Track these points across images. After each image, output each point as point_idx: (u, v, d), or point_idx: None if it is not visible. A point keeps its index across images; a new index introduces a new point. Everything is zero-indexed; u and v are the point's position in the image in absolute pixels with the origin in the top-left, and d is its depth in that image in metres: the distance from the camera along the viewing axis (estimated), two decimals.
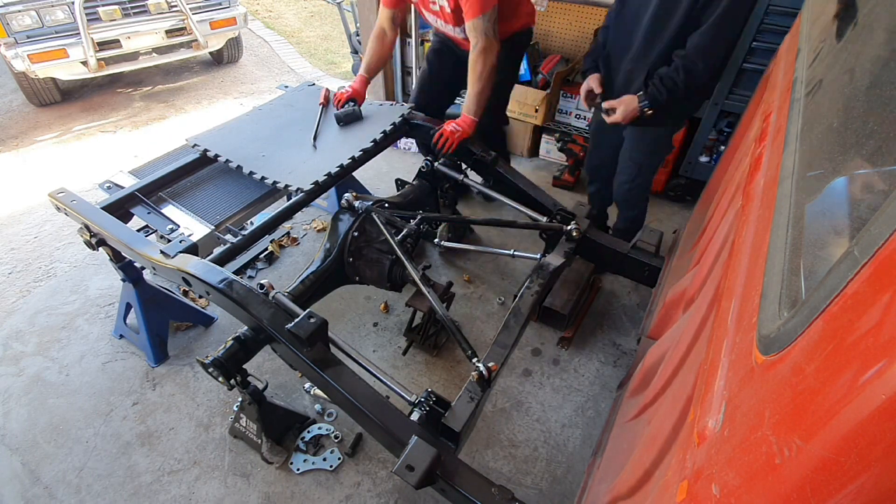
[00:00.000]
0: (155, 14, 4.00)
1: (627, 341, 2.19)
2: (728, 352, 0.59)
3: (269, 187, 1.93)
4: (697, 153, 2.78)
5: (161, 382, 1.98)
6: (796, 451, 0.36)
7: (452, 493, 1.17)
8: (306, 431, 1.80)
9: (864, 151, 0.65)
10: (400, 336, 2.17)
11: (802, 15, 1.44)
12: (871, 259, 0.37)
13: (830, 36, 1.13)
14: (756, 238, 0.73)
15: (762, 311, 0.54)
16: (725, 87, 2.52)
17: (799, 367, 0.41)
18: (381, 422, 1.27)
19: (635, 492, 0.83)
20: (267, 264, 2.55)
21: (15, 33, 3.49)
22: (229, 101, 4.42)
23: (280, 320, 1.38)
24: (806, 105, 0.90)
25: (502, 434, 1.83)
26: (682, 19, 1.61)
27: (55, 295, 2.33)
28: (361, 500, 1.65)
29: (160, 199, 1.90)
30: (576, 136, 3.08)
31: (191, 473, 1.71)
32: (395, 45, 2.36)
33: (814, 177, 0.70)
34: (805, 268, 0.54)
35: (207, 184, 2.02)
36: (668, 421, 0.80)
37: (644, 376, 1.25)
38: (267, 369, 2.01)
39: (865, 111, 0.75)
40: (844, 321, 0.38)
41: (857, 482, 0.32)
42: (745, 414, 0.47)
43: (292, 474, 1.70)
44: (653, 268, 1.86)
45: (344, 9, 4.15)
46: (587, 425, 1.86)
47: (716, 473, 0.47)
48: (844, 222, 0.60)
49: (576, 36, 3.35)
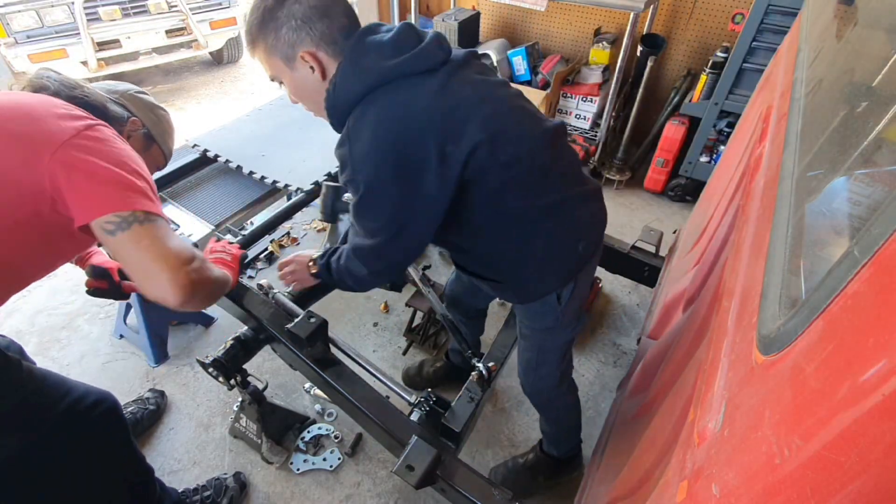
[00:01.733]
0: (155, 14, 4.00)
1: (627, 341, 2.19)
2: (728, 352, 0.59)
3: (269, 187, 1.93)
4: (697, 153, 2.78)
5: (161, 382, 1.98)
6: (796, 451, 0.36)
7: (452, 493, 1.17)
8: (306, 431, 1.80)
9: (865, 151, 0.65)
10: (400, 336, 2.17)
11: (802, 15, 1.44)
12: (871, 259, 0.37)
13: (830, 36, 1.14)
14: (756, 238, 0.73)
15: (762, 311, 0.54)
16: (725, 87, 2.52)
17: (799, 367, 0.41)
18: (381, 422, 1.27)
19: (635, 492, 0.83)
20: (267, 264, 2.55)
21: (15, 33, 3.49)
22: (229, 101, 4.42)
23: (280, 320, 1.38)
24: (806, 105, 0.90)
25: (502, 434, 1.83)
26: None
27: (55, 295, 2.33)
28: (361, 500, 1.65)
29: (160, 199, 1.90)
30: (576, 136, 3.08)
31: (191, 473, 1.71)
32: None
33: (814, 177, 0.70)
34: (805, 268, 0.54)
35: (207, 184, 2.02)
36: (668, 421, 0.80)
37: (644, 376, 1.25)
38: (267, 369, 2.01)
39: (865, 111, 0.75)
40: (844, 321, 0.38)
41: (857, 482, 0.32)
42: (745, 414, 0.47)
43: (292, 474, 1.70)
44: (653, 268, 1.86)
45: None
46: (587, 425, 1.85)
47: (716, 473, 0.47)
48: (844, 222, 0.60)
49: (576, 36, 3.35)
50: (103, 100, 1.13)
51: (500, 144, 0.96)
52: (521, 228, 1.05)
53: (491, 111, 0.97)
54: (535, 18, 3.42)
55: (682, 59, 3.08)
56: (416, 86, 0.93)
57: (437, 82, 0.94)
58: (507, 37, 3.54)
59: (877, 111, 0.71)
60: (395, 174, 0.92)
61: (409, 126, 0.91)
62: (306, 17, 0.92)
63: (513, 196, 1.02)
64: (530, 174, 1.02)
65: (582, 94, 3.07)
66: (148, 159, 1.22)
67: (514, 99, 1.06)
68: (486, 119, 0.95)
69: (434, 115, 0.91)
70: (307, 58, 0.95)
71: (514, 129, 1.00)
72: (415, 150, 0.91)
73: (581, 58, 3.27)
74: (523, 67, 3.23)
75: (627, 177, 3.14)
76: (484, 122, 0.94)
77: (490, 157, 0.95)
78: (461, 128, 0.92)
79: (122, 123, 1.16)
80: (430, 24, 3.45)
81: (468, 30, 3.35)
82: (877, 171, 0.65)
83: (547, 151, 1.05)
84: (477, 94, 0.98)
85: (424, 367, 1.97)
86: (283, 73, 1.01)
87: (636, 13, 2.59)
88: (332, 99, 0.98)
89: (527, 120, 1.05)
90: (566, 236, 1.10)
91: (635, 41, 2.83)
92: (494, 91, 1.02)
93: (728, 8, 2.78)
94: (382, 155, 0.91)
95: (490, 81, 1.03)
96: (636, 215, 2.98)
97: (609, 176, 3.14)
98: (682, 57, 3.07)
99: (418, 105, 0.92)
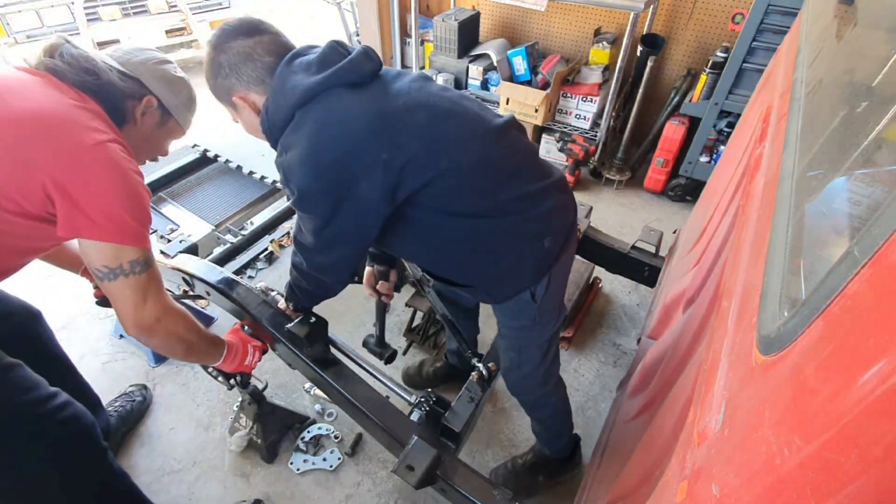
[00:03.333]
0: (155, 14, 4.01)
1: (627, 341, 2.18)
2: (728, 352, 0.59)
3: (269, 187, 1.93)
4: (697, 153, 2.78)
5: (161, 382, 1.98)
6: (796, 451, 0.36)
7: (452, 493, 1.17)
8: (306, 431, 1.80)
9: (864, 151, 0.65)
10: (400, 336, 2.17)
11: (802, 15, 1.44)
12: (871, 259, 0.37)
13: (830, 36, 1.14)
14: (756, 238, 0.73)
15: (762, 311, 0.54)
16: (725, 87, 2.52)
17: (799, 367, 0.41)
18: (381, 422, 1.27)
19: (635, 492, 0.83)
20: (267, 264, 2.55)
21: (15, 33, 3.49)
22: None
23: (280, 320, 1.38)
24: (806, 105, 0.90)
25: (502, 434, 1.83)
26: None
27: (55, 295, 2.33)
28: (361, 500, 1.65)
29: (160, 199, 1.90)
30: (576, 136, 3.08)
31: (191, 473, 1.71)
32: None
33: (814, 177, 0.70)
34: (805, 268, 0.54)
35: (207, 184, 2.02)
36: (668, 421, 0.80)
37: (644, 376, 1.25)
38: (267, 369, 2.01)
39: (865, 111, 0.75)
40: (844, 321, 0.38)
41: (857, 482, 0.32)
42: (745, 414, 0.47)
43: (292, 474, 1.70)
44: (653, 268, 1.86)
45: (344, 9, 4.15)
46: (587, 425, 1.85)
47: (716, 473, 0.47)
48: (844, 222, 0.60)
49: (576, 36, 3.36)
50: (116, 81, 1.07)
51: (440, 149, 0.95)
52: (478, 231, 1.04)
53: (426, 117, 0.96)
54: (535, 18, 3.42)
55: (682, 59, 3.08)
56: (346, 96, 0.94)
57: (368, 93, 0.95)
58: (507, 37, 3.54)
59: (877, 111, 0.71)
60: (328, 180, 0.93)
61: (342, 133, 0.91)
62: (232, 65, 0.98)
63: (463, 201, 1.00)
64: (478, 176, 1.00)
65: (582, 94, 3.07)
66: (163, 134, 1.21)
67: (456, 102, 1.03)
68: (422, 126, 0.95)
69: (367, 123, 0.92)
70: (239, 101, 1.02)
71: (454, 132, 0.98)
72: (348, 157, 0.91)
73: (581, 58, 3.27)
74: (523, 67, 3.23)
75: (627, 177, 3.14)
76: (419, 130, 0.94)
77: (430, 163, 0.95)
78: (395, 136, 0.92)
79: (135, 100, 1.11)
80: (430, 24, 3.45)
81: (468, 30, 3.35)
82: (877, 171, 0.65)
83: (496, 149, 1.03)
84: (412, 101, 0.97)
85: (424, 366, 1.97)
86: (233, 115, 1.10)
87: (636, 13, 2.59)
88: (266, 122, 1.01)
89: (470, 121, 1.02)
90: (529, 233, 1.07)
91: (635, 41, 2.83)
92: (431, 97, 1.00)
93: (728, 8, 2.78)
94: (315, 161, 0.92)
95: (427, 88, 1.02)
96: (636, 215, 2.98)
97: (609, 176, 3.14)
98: (682, 57, 3.07)
99: (350, 113, 0.92)
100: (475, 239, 1.06)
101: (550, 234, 1.10)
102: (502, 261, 1.10)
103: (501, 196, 1.02)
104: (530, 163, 1.10)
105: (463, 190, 1.00)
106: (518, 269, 1.11)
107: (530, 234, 1.08)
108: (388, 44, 3.77)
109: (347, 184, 0.92)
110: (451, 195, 0.99)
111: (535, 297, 1.14)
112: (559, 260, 1.14)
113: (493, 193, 1.01)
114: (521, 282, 1.13)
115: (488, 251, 1.08)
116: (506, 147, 1.05)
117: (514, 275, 1.12)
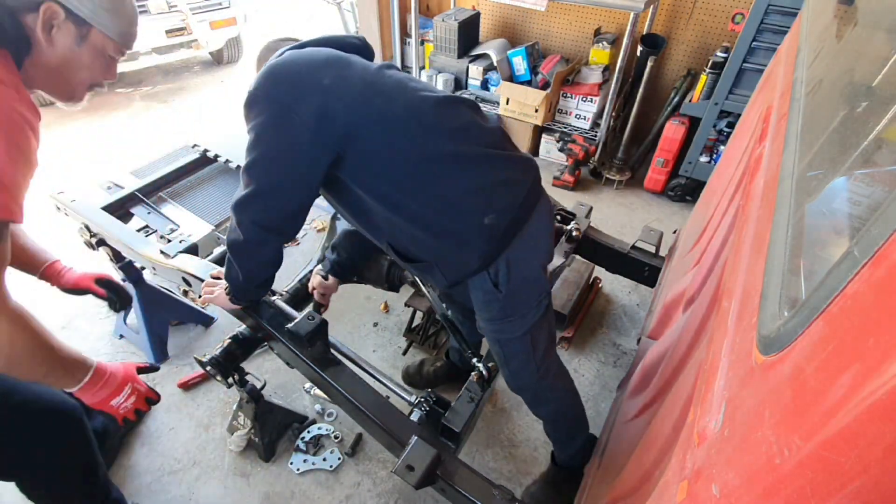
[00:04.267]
0: (155, 14, 4.00)
1: (627, 341, 2.19)
2: (728, 352, 0.59)
3: None
4: (697, 153, 2.78)
5: (161, 382, 1.98)
6: (796, 451, 0.36)
7: (452, 493, 1.17)
8: (306, 431, 1.80)
9: (864, 151, 0.65)
10: (400, 336, 2.17)
11: (802, 15, 1.44)
12: (871, 259, 0.37)
13: (830, 36, 1.14)
14: (756, 238, 0.73)
15: (762, 311, 0.54)
16: (725, 87, 2.52)
17: (799, 367, 0.41)
18: (381, 422, 1.27)
19: (635, 492, 0.83)
20: None
21: None
22: (229, 101, 4.42)
23: (280, 320, 1.38)
24: (806, 105, 0.90)
25: (502, 434, 1.83)
26: None
27: (55, 295, 2.33)
28: (361, 500, 1.65)
29: (160, 199, 1.90)
30: (576, 136, 3.08)
31: (191, 473, 1.71)
32: None
33: (814, 177, 0.70)
34: (805, 268, 0.54)
35: (207, 184, 2.02)
36: (668, 421, 0.80)
37: (644, 376, 1.25)
38: (267, 369, 2.01)
39: (865, 111, 0.75)
40: (844, 321, 0.38)
41: (856, 482, 0.32)
42: (745, 414, 0.47)
43: (292, 474, 1.70)
44: (653, 268, 1.86)
45: (344, 9, 4.15)
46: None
47: (716, 473, 0.47)
48: (844, 222, 0.60)
49: (576, 36, 3.36)
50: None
51: (375, 92, 1.02)
52: (417, 187, 1.04)
53: (374, 72, 1.05)
54: (535, 18, 3.42)
55: (682, 59, 3.08)
56: (318, 51, 1.05)
57: (337, 53, 1.06)
58: (508, 37, 3.54)
59: (877, 111, 0.71)
60: (277, 91, 1.00)
61: (304, 59, 1.02)
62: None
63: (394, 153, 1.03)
64: (407, 126, 1.03)
65: (582, 94, 3.07)
66: (89, 50, 0.94)
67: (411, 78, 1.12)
68: (367, 75, 1.04)
69: (325, 57, 1.03)
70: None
71: (394, 85, 1.05)
72: (300, 76, 1.00)
73: (581, 58, 3.28)
74: (523, 67, 3.23)
75: (627, 177, 3.14)
76: (364, 75, 1.03)
77: (363, 104, 1.01)
78: (342, 71, 1.02)
79: (33, 13, 0.85)
80: (430, 24, 3.45)
81: (468, 30, 3.35)
82: (877, 171, 0.65)
83: (435, 110, 1.05)
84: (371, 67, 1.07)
85: (424, 366, 1.97)
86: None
87: (636, 13, 2.59)
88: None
89: (416, 85, 1.09)
90: (467, 206, 1.04)
91: (635, 41, 2.83)
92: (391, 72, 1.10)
93: (728, 8, 2.79)
94: (271, 72, 1.01)
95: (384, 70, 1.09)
96: (636, 215, 2.98)
97: (609, 176, 3.14)
98: (682, 57, 3.07)
99: (316, 51, 1.05)
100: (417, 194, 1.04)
101: (493, 210, 1.04)
102: (443, 234, 1.07)
103: (430, 145, 1.03)
104: (477, 132, 1.08)
105: (394, 136, 1.02)
106: (463, 245, 1.07)
107: (468, 208, 1.05)
108: (388, 44, 3.77)
109: (290, 103, 0.98)
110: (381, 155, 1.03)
111: (499, 286, 1.10)
112: (510, 245, 1.07)
113: (421, 142, 1.03)
114: (469, 261, 1.08)
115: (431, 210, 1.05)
116: (447, 111, 1.07)
117: (461, 251, 1.08)
